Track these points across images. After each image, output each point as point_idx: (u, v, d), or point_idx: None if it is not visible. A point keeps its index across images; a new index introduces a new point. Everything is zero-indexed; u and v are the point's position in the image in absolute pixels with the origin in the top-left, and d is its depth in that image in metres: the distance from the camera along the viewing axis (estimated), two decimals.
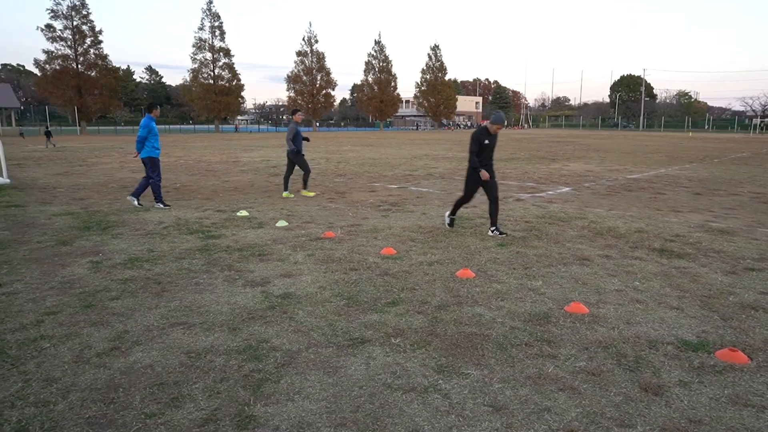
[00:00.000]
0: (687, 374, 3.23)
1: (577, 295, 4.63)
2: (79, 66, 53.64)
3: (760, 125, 71.68)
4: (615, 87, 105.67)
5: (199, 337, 3.74)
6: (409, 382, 3.12)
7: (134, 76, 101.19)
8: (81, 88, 53.45)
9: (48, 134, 30.53)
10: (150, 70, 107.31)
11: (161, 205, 9.10)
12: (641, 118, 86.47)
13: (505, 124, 6.98)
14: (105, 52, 55.39)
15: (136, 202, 9.13)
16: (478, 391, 3.03)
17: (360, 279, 5.08)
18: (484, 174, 6.67)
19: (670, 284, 4.95)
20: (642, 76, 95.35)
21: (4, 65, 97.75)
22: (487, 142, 6.71)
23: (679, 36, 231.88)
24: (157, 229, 7.30)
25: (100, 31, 54.34)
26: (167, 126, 69.60)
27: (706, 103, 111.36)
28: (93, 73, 54.56)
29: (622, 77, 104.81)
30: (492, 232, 6.93)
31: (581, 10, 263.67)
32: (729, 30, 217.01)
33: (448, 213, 7.49)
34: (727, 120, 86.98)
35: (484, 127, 6.84)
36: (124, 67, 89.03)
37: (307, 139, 11.11)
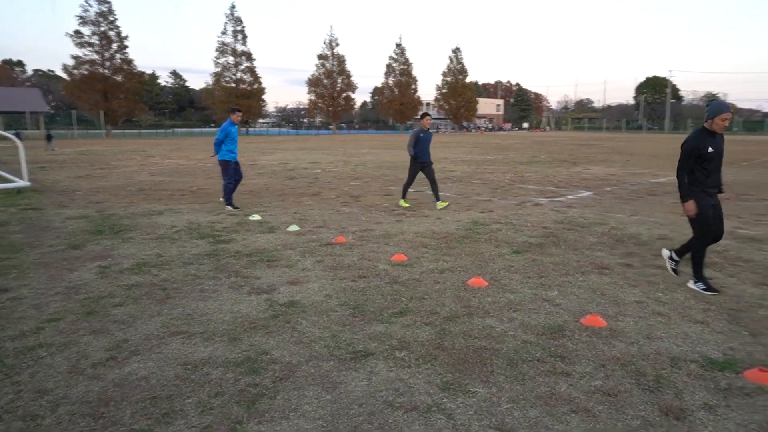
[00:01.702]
0: (712, 396, 3.00)
1: (594, 307, 4.40)
2: (106, 71, 54.75)
3: None
4: (640, 89, 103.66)
5: (198, 348, 3.63)
6: (411, 401, 2.95)
7: (159, 80, 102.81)
8: (107, 92, 54.53)
9: (49, 137, 31.21)
10: (174, 74, 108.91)
11: (230, 208, 9.20)
12: (667, 120, 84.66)
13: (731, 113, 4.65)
14: (130, 57, 56.53)
15: (230, 207, 9.25)
16: (485, 411, 2.85)
17: (368, 287, 4.92)
18: (690, 207, 4.66)
19: (695, 296, 4.68)
20: (668, 78, 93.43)
21: (36, 71, 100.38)
22: (710, 150, 4.61)
23: (705, 36, 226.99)
24: (168, 233, 7.26)
25: (126, 37, 55.47)
26: (190, 129, 70.60)
27: (734, 104, 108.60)
28: (119, 78, 55.66)
29: (648, 79, 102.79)
30: (673, 260, 5.16)
31: (604, 11, 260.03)
32: (757, 29, 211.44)
33: (668, 254, 5.22)
34: (757, 122, 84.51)
35: (699, 129, 4.73)
36: (149, 71, 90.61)
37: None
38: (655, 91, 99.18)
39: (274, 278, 5.20)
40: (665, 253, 5.26)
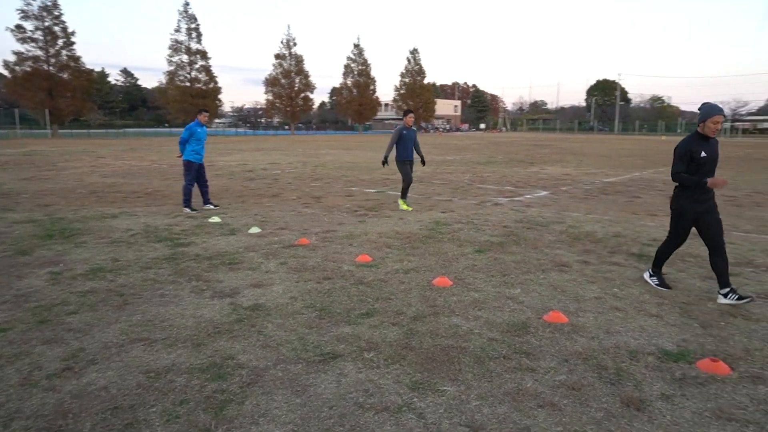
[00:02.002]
0: (669, 387, 3.13)
1: (556, 303, 4.52)
2: (51, 68, 52.26)
3: (730, 129, 73.43)
4: (591, 91, 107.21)
5: (161, 355, 3.52)
6: (382, 401, 2.96)
7: (109, 79, 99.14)
8: (52, 90, 52.04)
9: None
10: (125, 72, 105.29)
11: (188, 210, 8.98)
12: (616, 121, 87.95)
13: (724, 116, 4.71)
14: (78, 54, 54.11)
15: (188, 210, 9.01)
16: (455, 409, 2.88)
17: (333, 288, 4.90)
18: (713, 181, 4.46)
19: (649, 290, 4.88)
20: (617, 81, 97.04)
21: None
22: (703, 155, 4.46)
23: (652, 42, 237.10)
24: (124, 237, 7.01)
25: (73, 33, 52.96)
26: (143, 129, 68.35)
27: (678, 107, 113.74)
28: (65, 75, 53.19)
29: (598, 81, 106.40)
30: (728, 296, 4.49)
31: (559, 15, 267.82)
32: (700, 36, 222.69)
33: (648, 274, 5.08)
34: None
35: (692, 133, 4.61)
36: (98, 69, 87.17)
37: (422, 160, 10.04)
38: (605, 93, 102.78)
39: (237, 281, 5.11)
40: (721, 300, 4.54)
